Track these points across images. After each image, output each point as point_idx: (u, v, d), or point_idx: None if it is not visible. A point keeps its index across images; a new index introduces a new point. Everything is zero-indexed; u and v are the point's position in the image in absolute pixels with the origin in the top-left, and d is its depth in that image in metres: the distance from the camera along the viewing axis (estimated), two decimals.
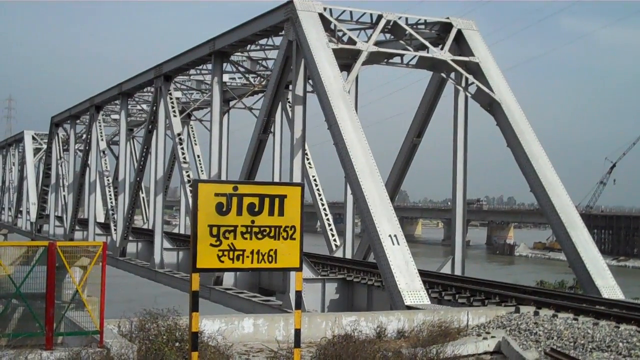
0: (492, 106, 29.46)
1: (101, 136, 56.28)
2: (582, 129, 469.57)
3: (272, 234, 10.73)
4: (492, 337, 16.57)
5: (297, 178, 29.00)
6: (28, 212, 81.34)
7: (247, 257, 10.62)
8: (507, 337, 16.21)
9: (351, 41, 29.23)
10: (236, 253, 10.56)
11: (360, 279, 28.14)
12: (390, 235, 23.50)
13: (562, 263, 68.16)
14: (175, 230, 59.01)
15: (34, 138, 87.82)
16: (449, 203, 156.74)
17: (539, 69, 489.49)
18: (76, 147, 66.99)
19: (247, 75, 43.41)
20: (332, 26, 29.36)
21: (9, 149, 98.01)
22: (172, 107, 41.59)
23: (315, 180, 40.42)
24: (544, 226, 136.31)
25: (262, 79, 42.22)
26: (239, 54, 38.66)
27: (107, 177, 61.12)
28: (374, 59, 30.19)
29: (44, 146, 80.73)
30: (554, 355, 15.13)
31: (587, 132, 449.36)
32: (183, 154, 41.31)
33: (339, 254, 36.27)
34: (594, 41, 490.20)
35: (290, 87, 31.64)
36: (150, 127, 44.91)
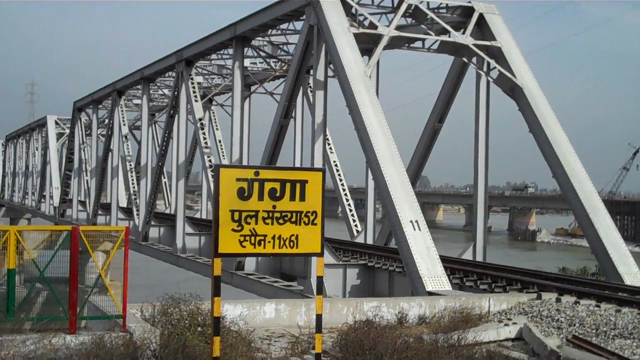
0: (514, 91, 29.24)
1: (123, 121, 56.50)
2: (605, 114, 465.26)
3: (293, 219, 10.72)
4: (514, 323, 16.49)
5: (318, 163, 28.97)
6: (51, 197, 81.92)
7: (269, 242, 10.62)
8: (528, 324, 16.14)
9: (372, 25, 29.09)
10: (258, 238, 10.55)
11: (382, 264, 28.13)
12: (411, 221, 23.45)
13: (585, 249, 67.70)
14: (197, 215, 59.26)
15: (56, 123, 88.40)
16: (468, 189, 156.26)
17: (562, 53, 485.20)
18: (98, 132, 67.31)
19: (268, 60, 43.34)
20: (353, 10, 29.23)
21: (32, 134, 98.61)
22: (194, 92, 41.65)
23: (336, 165, 40.36)
24: (566, 212, 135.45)
25: (283, 64, 42.12)
26: (260, 38, 38.63)
27: (129, 161, 61.51)
28: (395, 43, 30.04)
29: (67, 131, 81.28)
30: (576, 342, 15.05)
31: (610, 117, 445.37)
32: (204, 138, 41.41)
33: (360, 239, 36.24)
34: (618, 25, 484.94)
35: (311, 71, 31.56)
36: (171, 112, 45.06)
